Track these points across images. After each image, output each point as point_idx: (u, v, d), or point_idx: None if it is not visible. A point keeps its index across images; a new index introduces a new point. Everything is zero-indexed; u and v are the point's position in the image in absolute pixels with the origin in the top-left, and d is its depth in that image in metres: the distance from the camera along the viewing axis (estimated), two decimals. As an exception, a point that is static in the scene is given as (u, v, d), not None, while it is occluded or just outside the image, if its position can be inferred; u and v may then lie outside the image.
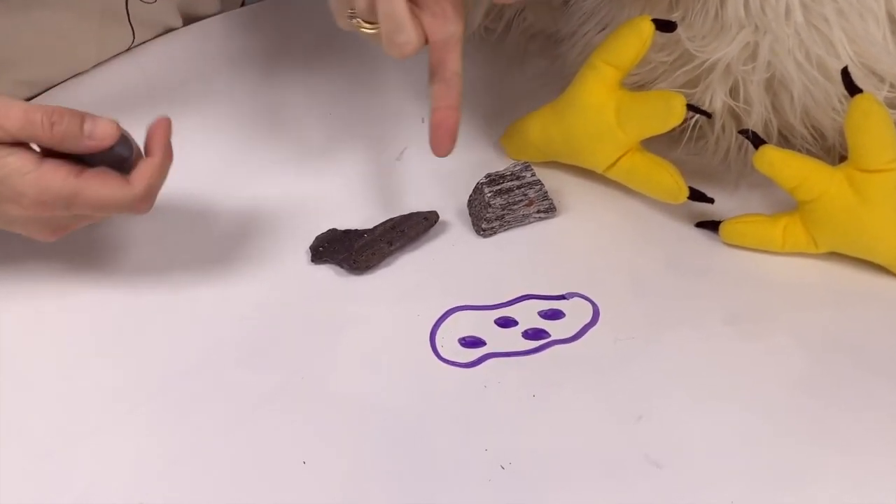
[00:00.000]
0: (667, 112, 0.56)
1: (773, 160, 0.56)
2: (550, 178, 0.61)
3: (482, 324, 0.55)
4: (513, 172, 0.59)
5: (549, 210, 0.61)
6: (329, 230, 0.58)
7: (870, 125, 0.53)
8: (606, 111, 0.58)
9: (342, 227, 0.59)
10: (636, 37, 0.56)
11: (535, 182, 0.59)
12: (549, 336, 0.54)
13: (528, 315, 0.55)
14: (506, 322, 0.55)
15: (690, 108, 0.56)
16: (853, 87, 0.53)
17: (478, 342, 0.54)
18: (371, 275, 0.57)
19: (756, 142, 0.56)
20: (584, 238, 0.60)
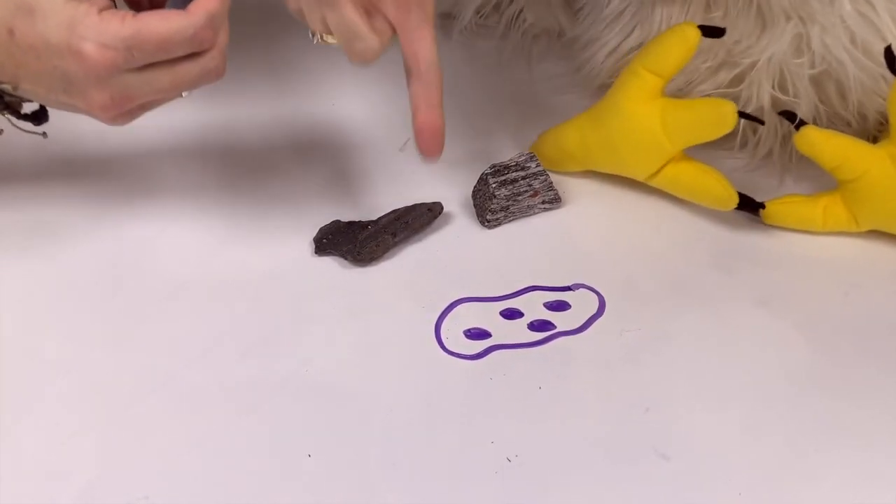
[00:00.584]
0: (718, 121, 0.55)
1: (815, 140, 0.56)
2: (555, 169, 0.61)
3: (487, 315, 0.54)
4: (518, 163, 0.59)
5: (555, 201, 0.60)
6: (332, 222, 0.58)
7: None
8: (651, 120, 0.56)
9: (345, 219, 0.58)
10: (682, 44, 0.55)
11: (541, 172, 0.59)
12: (555, 328, 0.54)
13: (534, 307, 0.55)
14: (511, 314, 0.54)
15: (742, 116, 0.55)
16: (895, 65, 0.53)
17: (483, 334, 0.53)
18: (375, 266, 0.57)
19: (798, 123, 0.56)
20: (590, 229, 0.60)
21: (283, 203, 0.60)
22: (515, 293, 0.56)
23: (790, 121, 0.56)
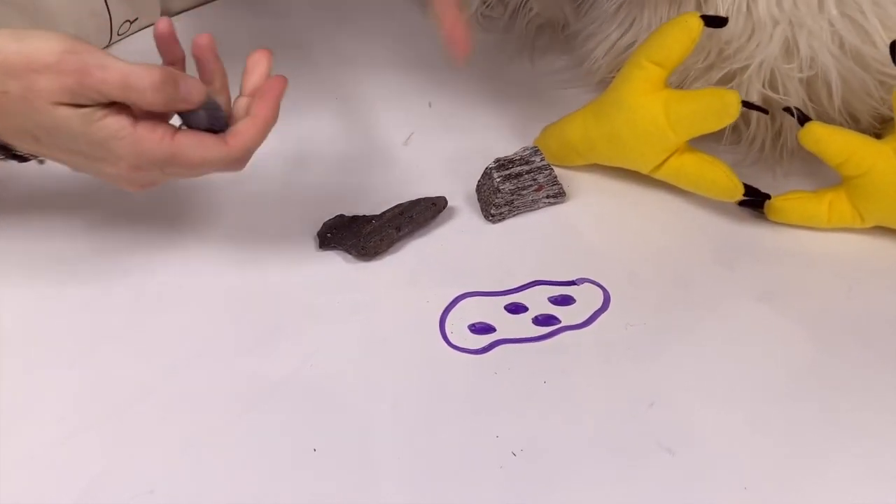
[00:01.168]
0: (721, 110, 0.55)
1: (820, 136, 0.55)
2: (559, 163, 0.61)
3: (492, 310, 0.54)
4: (522, 157, 0.59)
5: (559, 195, 0.60)
6: (336, 216, 0.58)
7: None
8: (654, 111, 0.56)
9: (350, 214, 0.58)
10: (685, 34, 0.55)
11: (545, 167, 0.59)
12: (560, 322, 0.54)
13: (538, 301, 0.55)
14: (516, 308, 0.54)
15: (746, 105, 0.55)
16: None
17: (488, 328, 0.53)
18: (379, 261, 0.57)
19: (802, 119, 0.56)
20: (594, 223, 0.60)
21: (288, 198, 0.60)
22: (520, 287, 0.56)
23: (793, 116, 0.56)
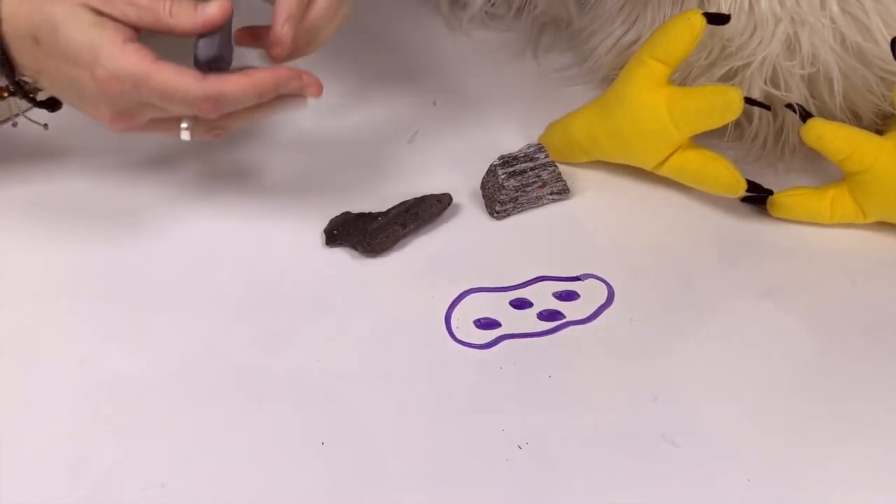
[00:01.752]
0: (724, 107, 0.55)
1: (822, 133, 0.56)
2: (563, 160, 0.61)
3: (497, 305, 0.55)
4: (526, 154, 0.59)
5: (563, 192, 0.61)
6: (343, 213, 0.59)
7: None
8: (658, 108, 0.57)
9: (356, 211, 0.59)
10: (687, 31, 0.56)
11: (549, 164, 0.59)
12: (564, 317, 0.54)
13: (543, 296, 0.55)
14: (521, 303, 0.55)
15: (748, 102, 0.55)
16: None
17: (493, 323, 0.54)
18: (385, 257, 0.57)
19: (804, 115, 0.56)
20: (598, 219, 0.60)
21: (295, 195, 0.61)
22: (525, 283, 0.56)
23: (796, 113, 0.57)
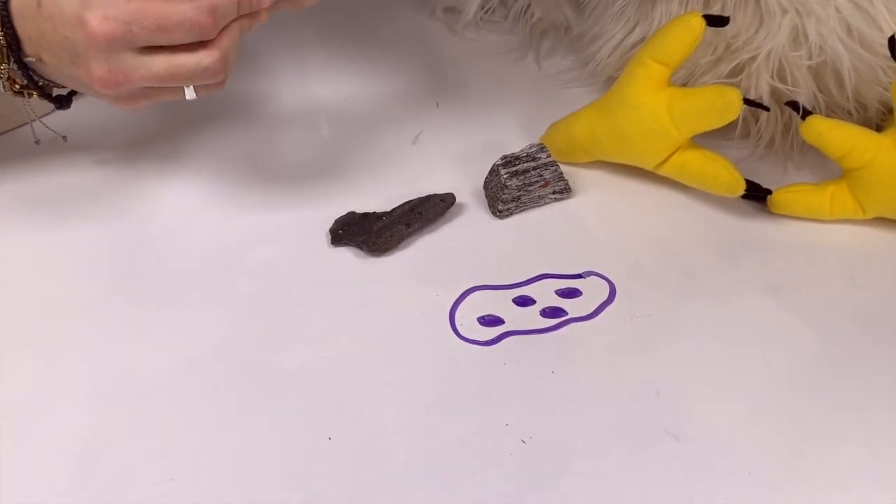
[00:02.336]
0: (723, 107, 0.56)
1: (822, 130, 0.56)
2: (565, 159, 0.62)
3: (500, 303, 0.55)
4: (528, 154, 0.60)
5: (565, 191, 0.61)
6: (348, 213, 0.59)
7: None
8: (658, 109, 0.57)
9: (361, 211, 0.59)
10: (687, 33, 0.56)
11: (551, 163, 0.60)
12: (567, 314, 0.55)
13: (546, 294, 0.56)
14: (524, 301, 0.55)
15: (747, 103, 0.56)
16: None
17: (496, 321, 0.54)
18: (390, 256, 0.58)
19: (803, 113, 0.57)
20: (600, 218, 0.61)
21: (300, 196, 0.61)
22: (527, 281, 0.57)
23: (796, 111, 0.57)
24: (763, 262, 0.58)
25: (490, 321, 0.54)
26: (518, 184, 0.59)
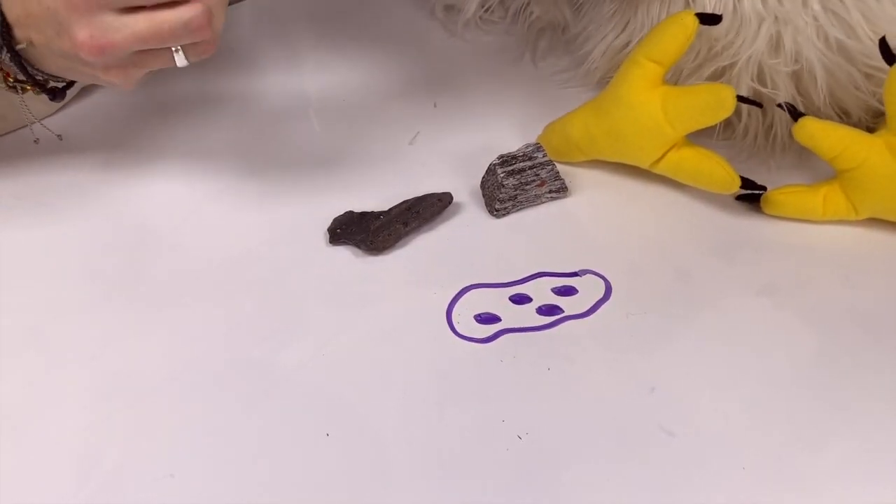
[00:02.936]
0: (717, 105, 0.56)
1: (814, 131, 0.57)
2: (561, 159, 0.62)
3: (497, 301, 0.56)
4: (525, 153, 0.60)
5: (561, 190, 0.62)
6: (346, 212, 0.60)
7: None
8: (652, 107, 0.58)
9: (359, 210, 0.60)
10: (681, 31, 0.57)
11: (547, 162, 0.60)
12: (563, 312, 0.55)
13: (542, 292, 0.56)
14: (520, 299, 0.56)
15: (741, 100, 0.56)
16: (890, 56, 0.54)
17: (493, 318, 0.55)
18: (387, 255, 0.58)
19: (795, 114, 0.57)
20: (596, 217, 0.61)
21: (298, 195, 0.62)
22: (524, 279, 0.57)
23: (787, 112, 0.58)
24: (758, 261, 0.58)
25: (487, 319, 0.55)
26: (515, 183, 0.60)
